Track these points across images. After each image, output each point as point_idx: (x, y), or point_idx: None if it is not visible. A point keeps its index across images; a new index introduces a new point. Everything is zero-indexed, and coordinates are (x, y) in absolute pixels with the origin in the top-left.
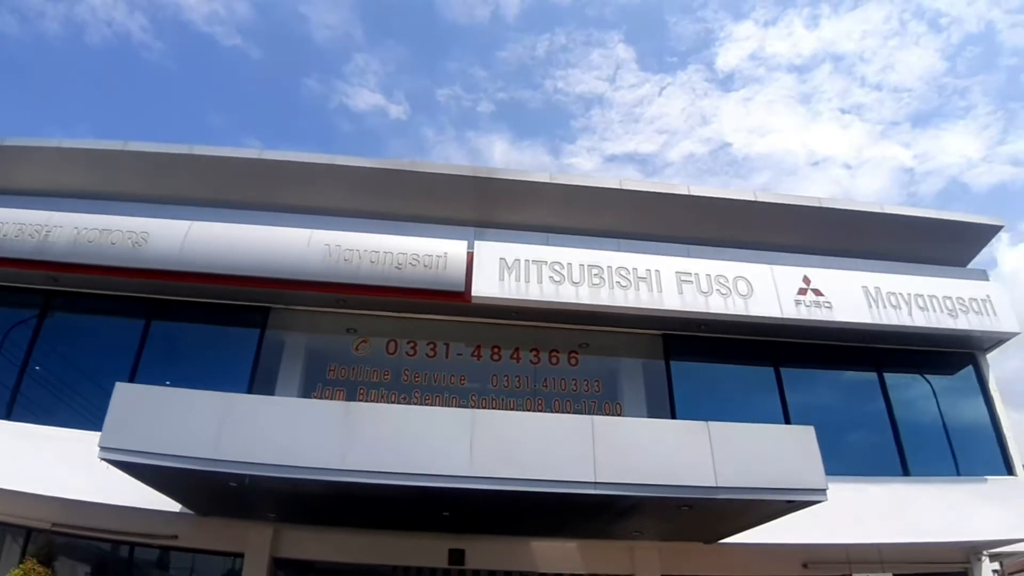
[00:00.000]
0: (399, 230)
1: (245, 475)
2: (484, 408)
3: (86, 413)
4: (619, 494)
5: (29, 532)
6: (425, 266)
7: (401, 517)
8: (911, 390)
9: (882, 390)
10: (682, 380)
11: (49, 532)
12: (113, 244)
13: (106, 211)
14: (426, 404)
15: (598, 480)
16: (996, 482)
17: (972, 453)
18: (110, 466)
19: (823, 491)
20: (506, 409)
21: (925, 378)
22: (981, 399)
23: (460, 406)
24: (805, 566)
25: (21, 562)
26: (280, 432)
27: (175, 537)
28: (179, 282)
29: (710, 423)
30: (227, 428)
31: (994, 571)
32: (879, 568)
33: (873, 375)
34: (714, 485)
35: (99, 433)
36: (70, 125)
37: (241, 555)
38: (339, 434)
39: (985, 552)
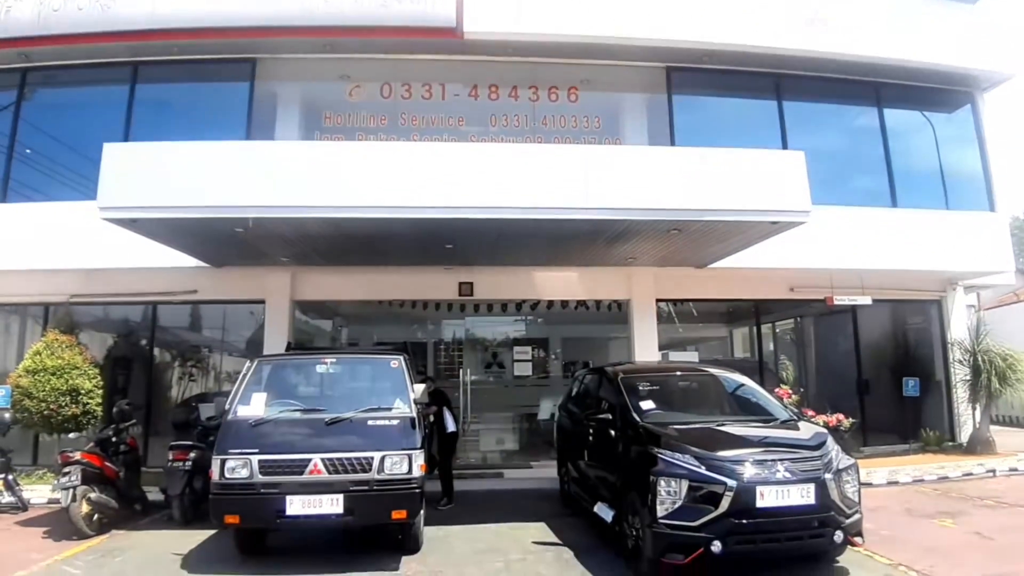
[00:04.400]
0: None
1: (248, 219)
2: None
3: (81, 188)
4: (609, 218)
5: (47, 308)
6: (412, 0)
7: (409, 252)
8: (909, 127)
9: (880, 125)
10: (684, 115)
11: (67, 304)
12: (80, 10)
13: None
14: None
15: (589, 206)
16: (977, 216)
17: (959, 190)
18: (113, 226)
19: (806, 212)
20: None
21: (923, 115)
22: (975, 138)
23: None
24: (792, 289)
25: (43, 335)
26: (274, 174)
27: (195, 292)
28: (156, 41)
29: (702, 148)
30: (222, 174)
31: (969, 305)
32: (860, 293)
33: (873, 110)
34: (702, 207)
35: None
36: None
37: (262, 301)
38: (333, 171)
39: (960, 282)
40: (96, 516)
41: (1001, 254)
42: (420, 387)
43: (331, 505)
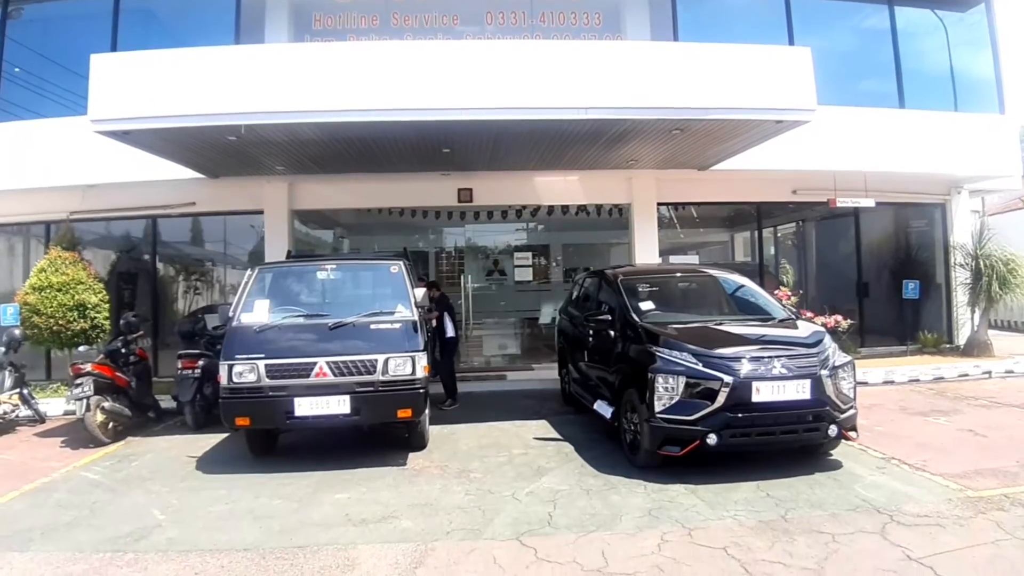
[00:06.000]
0: None
1: (240, 126)
2: None
3: (72, 103)
4: (610, 118)
5: (48, 226)
6: None
7: (406, 158)
8: (920, 27)
9: (891, 23)
10: (688, 11)
11: (68, 221)
12: None
13: None
14: None
15: (589, 105)
16: (986, 119)
17: (969, 92)
18: (107, 139)
19: (812, 111)
20: None
21: (935, 13)
22: (987, 39)
23: None
24: (794, 192)
25: (46, 253)
26: (265, 78)
27: (193, 204)
28: None
29: (706, 44)
30: (213, 81)
31: (973, 211)
32: (863, 195)
33: (884, 8)
34: (705, 106)
35: None
36: None
37: (261, 212)
38: (325, 74)
39: (965, 186)
40: (111, 424)
41: (1008, 158)
42: (420, 291)
43: (338, 406)
